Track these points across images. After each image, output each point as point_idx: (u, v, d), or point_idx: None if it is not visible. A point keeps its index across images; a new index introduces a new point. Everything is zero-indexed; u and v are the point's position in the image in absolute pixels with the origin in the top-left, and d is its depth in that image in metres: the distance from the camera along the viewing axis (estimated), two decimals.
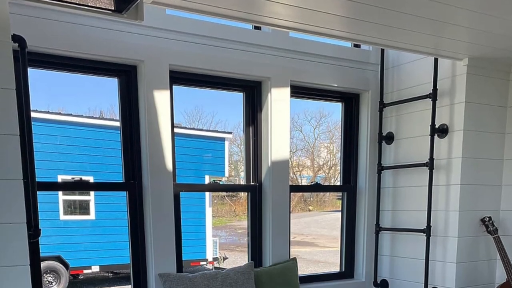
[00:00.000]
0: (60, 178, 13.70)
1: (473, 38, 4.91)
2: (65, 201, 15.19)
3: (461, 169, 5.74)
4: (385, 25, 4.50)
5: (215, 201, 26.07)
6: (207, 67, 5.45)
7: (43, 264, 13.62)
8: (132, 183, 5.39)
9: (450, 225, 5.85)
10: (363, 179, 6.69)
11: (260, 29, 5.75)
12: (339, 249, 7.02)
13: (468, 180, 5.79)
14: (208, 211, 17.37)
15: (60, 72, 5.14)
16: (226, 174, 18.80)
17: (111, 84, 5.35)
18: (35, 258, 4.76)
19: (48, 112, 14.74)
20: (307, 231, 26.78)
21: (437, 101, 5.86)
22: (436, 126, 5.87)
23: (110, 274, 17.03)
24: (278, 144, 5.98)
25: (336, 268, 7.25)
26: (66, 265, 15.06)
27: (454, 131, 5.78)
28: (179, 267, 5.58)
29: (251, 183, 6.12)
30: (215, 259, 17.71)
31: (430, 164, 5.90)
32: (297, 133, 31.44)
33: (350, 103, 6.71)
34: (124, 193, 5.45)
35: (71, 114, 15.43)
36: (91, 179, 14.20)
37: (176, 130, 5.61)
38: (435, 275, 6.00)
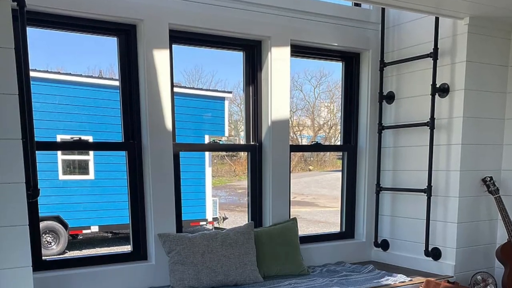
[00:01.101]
0: (59, 138, 13.67)
1: None
2: (64, 161, 15.18)
3: (462, 129, 5.71)
4: None
5: (215, 161, 26.14)
6: (207, 26, 5.40)
7: (42, 224, 13.64)
8: (132, 142, 5.37)
9: (451, 185, 5.84)
10: (363, 138, 6.67)
11: None
12: (339, 209, 7.02)
13: (469, 139, 5.77)
14: (208, 171, 17.38)
15: (59, 31, 5.10)
16: (226, 133, 18.78)
17: (111, 44, 5.31)
18: (34, 218, 4.77)
19: (47, 72, 14.66)
20: (307, 191, 26.85)
21: (438, 61, 5.81)
22: (437, 86, 5.83)
23: (110, 234, 17.07)
24: (278, 104, 5.95)
25: (336, 228, 7.26)
26: (65, 225, 15.09)
27: (455, 90, 5.74)
28: (179, 227, 5.58)
29: (251, 143, 6.09)
30: (215, 219, 17.75)
31: (431, 124, 5.87)
32: (297, 92, 31.46)
33: (351, 62, 6.66)
34: (123, 153, 5.43)
35: (70, 73, 15.39)
36: (90, 138, 14.17)
37: (175, 89, 5.57)
38: (436, 235, 6.00)
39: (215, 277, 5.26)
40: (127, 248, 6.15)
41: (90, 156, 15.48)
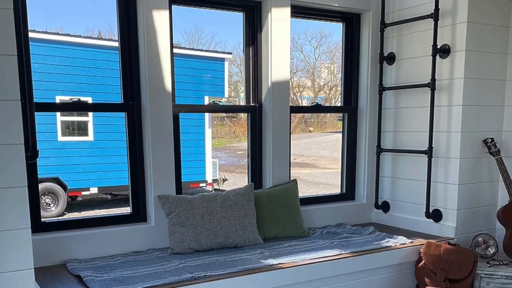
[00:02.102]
0: (58, 99, 13.64)
1: None
2: (63, 122, 15.16)
3: (463, 90, 5.67)
4: None
5: (215, 122, 26.12)
6: None
7: (41, 186, 13.64)
8: (131, 104, 5.34)
9: (452, 146, 5.81)
10: (364, 100, 6.63)
11: None
12: (339, 170, 7.00)
13: (470, 101, 5.73)
14: (208, 132, 17.37)
15: None
16: (226, 95, 18.76)
17: (110, 4, 5.26)
18: (33, 180, 4.75)
19: (46, 32, 14.59)
20: (308, 152, 26.88)
21: (438, 21, 5.75)
22: (438, 47, 5.78)
23: (109, 196, 17.10)
24: (278, 65, 5.91)
25: (337, 190, 7.25)
26: (64, 187, 15.10)
27: (456, 51, 5.69)
28: (179, 188, 5.56)
29: (251, 104, 6.06)
30: (214, 180, 17.77)
31: (432, 85, 5.83)
32: (297, 53, 31.37)
33: (351, 23, 6.61)
34: (123, 114, 5.39)
35: (69, 34, 15.29)
36: (89, 100, 14.14)
37: (175, 50, 5.52)
38: (437, 197, 5.99)
39: (215, 239, 5.25)
40: (127, 210, 6.15)
41: (89, 118, 15.46)
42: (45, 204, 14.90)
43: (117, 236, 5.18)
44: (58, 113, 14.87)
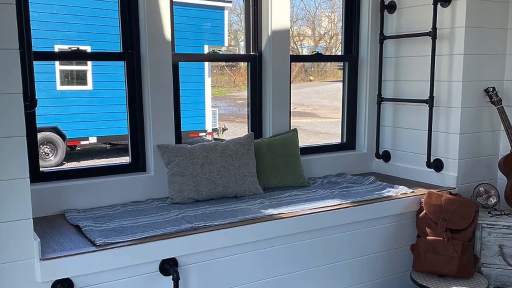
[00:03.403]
0: (57, 48, 13.60)
1: None
2: (62, 71, 15.12)
3: (464, 39, 5.62)
4: None
5: (215, 71, 26.03)
6: None
7: (40, 135, 13.65)
8: (130, 53, 5.29)
9: (453, 95, 5.78)
10: (364, 48, 6.58)
11: None
12: (340, 120, 6.97)
13: (471, 50, 5.69)
14: (207, 81, 17.34)
15: None
16: (226, 43, 18.67)
17: None
18: (31, 129, 4.73)
19: None
20: (308, 101, 26.85)
21: None
22: None
23: (108, 146, 17.14)
24: (278, 13, 5.85)
25: (337, 139, 7.22)
26: (63, 136, 15.11)
27: None
28: (178, 138, 5.54)
29: (251, 53, 6.01)
30: (214, 130, 17.79)
31: (433, 34, 5.78)
32: (297, 2, 31.13)
33: None
34: (122, 63, 5.35)
35: None
36: (88, 49, 14.10)
37: None
38: (438, 146, 5.97)
39: (214, 188, 5.24)
40: (126, 160, 6.14)
41: (88, 67, 15.42)
42: (43, 153, 14.92)
43: (116, 186, 5.17)
44: (57, 62, 14.84)
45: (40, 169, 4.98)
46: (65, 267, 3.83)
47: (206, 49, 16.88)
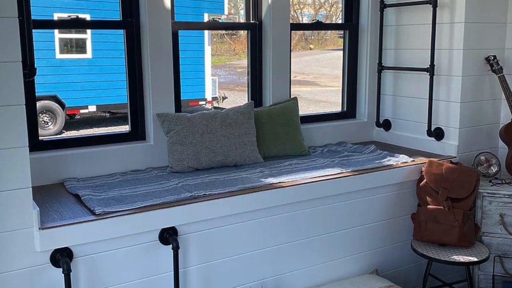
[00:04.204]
0: (56, 16, 13.54)
1: None
2: (61, 39, 15.07)
3: (465, 7, 5.59)
4: None
5: (214, 39, 25.96)
6: None
7: (39, 104, 13.64)
8: (130, 21, 5.25)
9: (454, 64, 5.75)
10: (365, 16, 6.54)
11: None
12: (340, 88, 6.95)
13: (472, 18, 5.66)
14: (207, 49, 17.29)
15: None
16: (226, 12, 18.62)
17: None
18: (30, 98, 4.71)
19: None
20: (308, 70, 26.80)
21: None
22: None
23: (107, 114, 17.12)
24: None
25: (337, 108, 7.20)
26: (62, 105, 15.09)
27: None
28: (178, 107, 5.52)
29: (251, 21, 5.97)
30: (214, 98, 17.78)
31: (433, 2, 5.74)
32: None
33: None
34: (121, 32, 5.33)
35: None
36: (87, 17, 14.04)
37: None
38: (439, 115, 5.95)
39: (214, 157, 5.23)
40: (125, 128, 6.12)
41: (88, 35, 15.37)
42: (43, 122, 14.92)
43: (115, 155, 5.16)
44: (56, 31, 14.79)
45: (39, 138, 4.97)
46: (64, 236, 3.83)
47: (206, 17, 16.81)
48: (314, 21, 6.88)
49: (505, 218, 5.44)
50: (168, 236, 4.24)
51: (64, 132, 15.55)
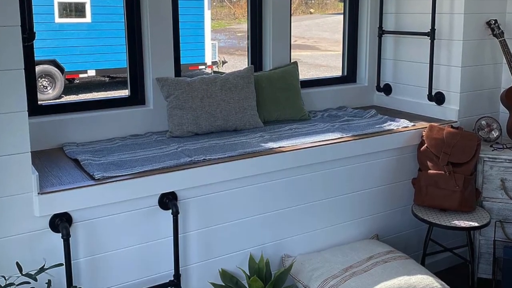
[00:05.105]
0: None
1: None
2: (60, 3, 15.00)
3: None
4: None
5: (214, 3, 25.86)
6: None
7: (38, 68, 13.61)
8: None
9: (455, 28, 5.72)
10: None
11: None
12: (341, 52, 6.92)
13: None
14: (207, 14, 17.22)
15: None
16: None
17: None
18: (29, 62, 4.67)
19: None
20: (309, 34, 26.71)
21: None
22: None
23: (107, 79, 17.10)
24: None
25: (338, 72, 7.19)
26: (61, 69, 15.06)
27: None
28: (177, 71, 5.49)
29: None
30: (214, 63, 17.73)
31: None
32: None
33: None
34: None
35: None
36: None
37: None
38: (440, 79, 5.93)
39: (214, 122, 5.21)
40: (125, 93, 6.10)
41: None
42: (42, 87, 14.89)
43: (115, 119, 5.14)
44: None
45: (38, 102, 4.96)
46: (63, 201, 3.83)
47: None
48: None
49: (506, 183, 5.44)
50: (168, 201, 4.24)
51: (63, 96, 15.52)
